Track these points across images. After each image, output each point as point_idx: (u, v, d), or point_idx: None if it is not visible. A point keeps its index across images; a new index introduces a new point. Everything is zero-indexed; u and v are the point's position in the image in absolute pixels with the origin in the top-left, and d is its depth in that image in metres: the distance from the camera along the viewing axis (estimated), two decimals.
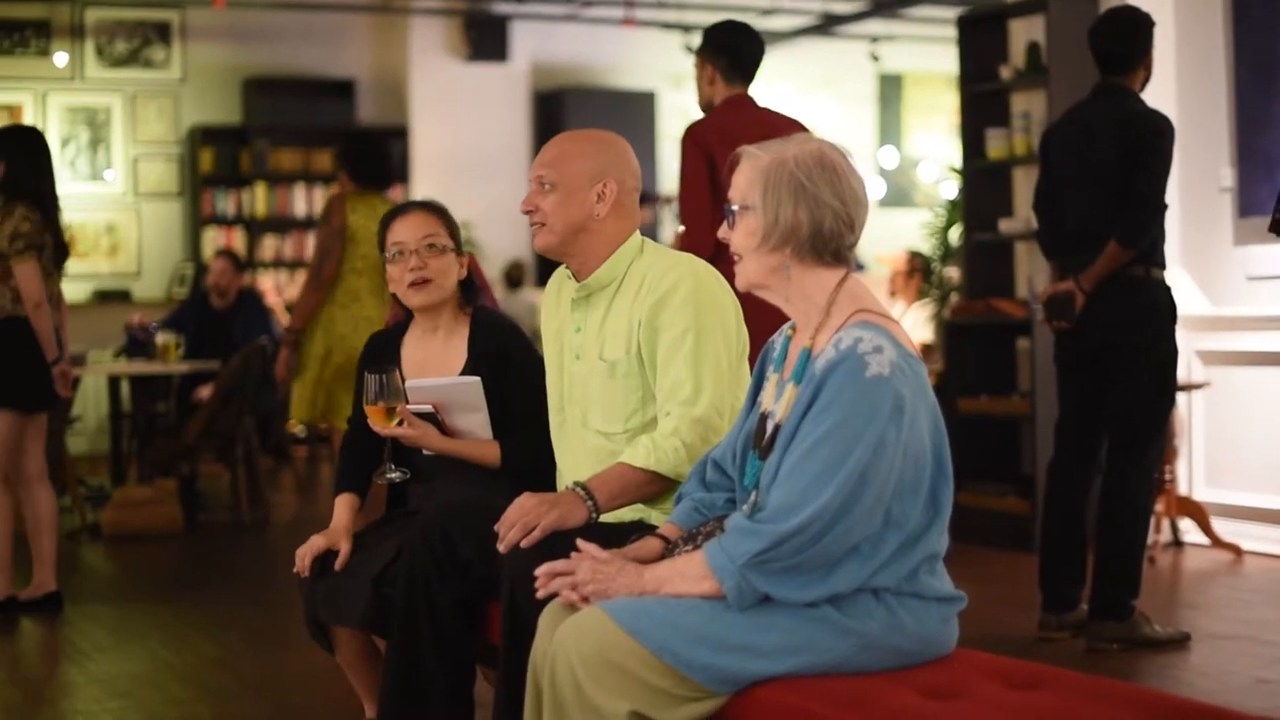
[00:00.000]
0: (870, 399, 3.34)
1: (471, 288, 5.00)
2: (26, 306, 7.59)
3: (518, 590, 3.95)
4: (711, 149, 6.82)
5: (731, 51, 7.33)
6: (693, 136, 7.05)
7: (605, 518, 4.14)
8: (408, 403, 4.67)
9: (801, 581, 3.39)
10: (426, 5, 16.30)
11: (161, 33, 16.24)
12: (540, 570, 3.65)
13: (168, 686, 6.43)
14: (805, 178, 3.49)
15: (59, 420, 10.96)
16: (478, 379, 4.73)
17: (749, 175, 3.54)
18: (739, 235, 3.56)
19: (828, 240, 3.51)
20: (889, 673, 3.44)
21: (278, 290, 15.40)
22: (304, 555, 4.76)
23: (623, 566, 3.57)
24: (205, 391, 11.22)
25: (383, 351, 5.00)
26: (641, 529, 3.98)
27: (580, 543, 3.65)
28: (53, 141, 15.47)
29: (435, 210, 4.98)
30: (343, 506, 4.90)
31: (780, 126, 6.45)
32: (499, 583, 4.11)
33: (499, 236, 16.24)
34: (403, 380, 4.67)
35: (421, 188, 16.37)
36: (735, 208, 3.56)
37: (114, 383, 11.59)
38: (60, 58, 15.85)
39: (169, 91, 16.18)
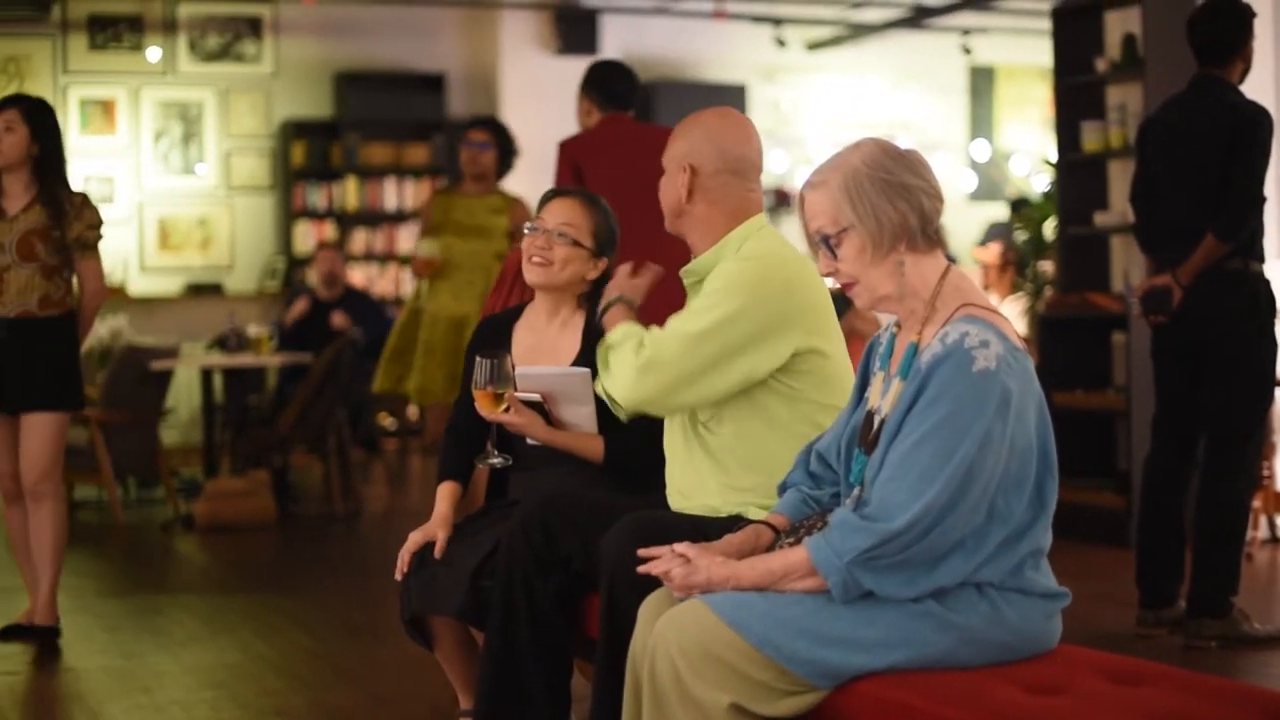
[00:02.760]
0: (977, 394, 3.32)
1: (596, 292, 4.95)
2: (92, 301, 7.26)
3: (616, 583, 3.96)
4: (579, 160, 7.59)
5: (605, 87, 7.99)
6: (563, 149, 7.68)
7: (693, 509, 4.18)
8: (516, 390, 4.68)
9: (906, 577, 3.37)
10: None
11: (253, 27, 16.31)
12: (644, 552, 3.65)
13: (262, 677, 6.46)
14: (885, 173, 3.49)
15: (153, 412, 11.07)
16: (588, 371, 4.68)
17: (826, 200, 3.52)
18: (847, 260, 3.52)
19: (932, 220, 3.51)
20: (991, 668, 3.42)
21: (368, 283, 15.44)
22: (404, 555, 4.75)
23: (725, 562, 3.55)
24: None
25: (495, 335, 5.00)
26: (739, 524, 3.94)
27: (680, 547, 3.62)
28: (146, 136, 15.66)
29: (590, 205, 4.95)
30: (443, 495, 4.89)
31: (655, 136, 6.46)
32: (597, 576, 4.11)
33: None
34: (513, 367, 4.68)
35: (512, 180, 16.26)
36: (829, 236, 3.52)
37: (206, 375, 11.68)
38: (153, 52, 15.93)
39: (261, 86, 16.25)
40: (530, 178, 14.74)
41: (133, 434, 10.94)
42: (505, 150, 9.38)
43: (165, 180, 15.76)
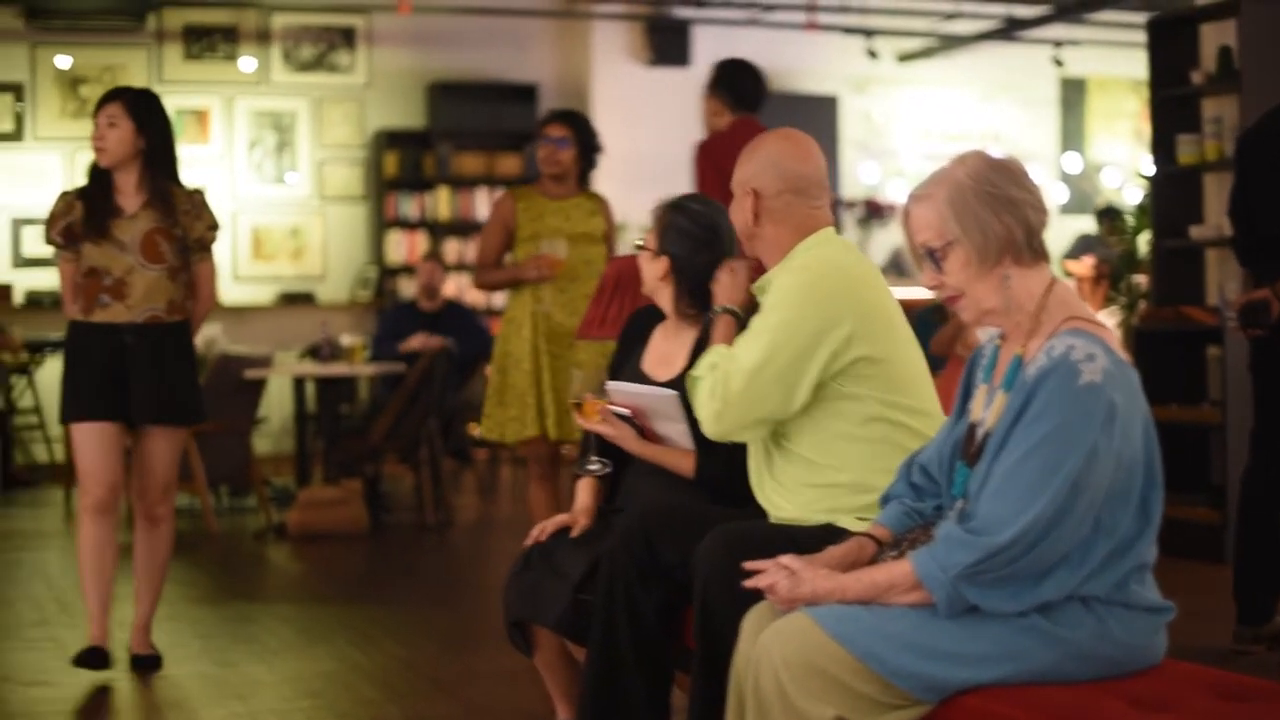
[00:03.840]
0: (1083, 407, 3.31)
1: (700, 296, 4.94)
2: (204, 307, 6.87)
3: (710, 595, 3.98)
4: (721, 162, 7.39)
5: (736, 89, 8.16)
6: (705, 151, 7.86)
7: (788, 519, 4.20)
8: (609, 403, 4.77)
9: (1012, 591, 3.37)
10: (609, 10, 16.35)
11: (347, 37, 16.42)
12: (749, 565, 3.66)
13: (358, 686, 6.50)
14: (990, 185, 3.49)
15: (247, 421, 11.15)
16: (674, 394, 4.70)
17: (931, 214, 3.52)
18: (953, 274, 3.52)
19: (1036, 232, 3.51)
20: (1096, 683, 3.40)
21: (459, 293, 15.49)
22: (545, 527, 4.87)
23: (829, 574, 3.56)
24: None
25: (640, 328, 5.10)
26: (831, 532, 3.98)
27: (785, 559, 3.63)
28: (240, 145, 15.79)
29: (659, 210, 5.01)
30: (584, 489, 4.96)
31: None
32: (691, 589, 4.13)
33: None
34: (604, 379, 4.79)
35: (602, 191, 16.35)
36: (934, 250, 3.52)
37: (299, 384, 11.75)
38: (247, 62, 16.07)
39: (354, 96, 16.36)
40: (622, 188, 14.79)
41: (226, 442, 11.03)
42: (587, 146, 8.31)
43: (258, 189, 15.90)
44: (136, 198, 6.69)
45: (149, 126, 6.69)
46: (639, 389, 4.82)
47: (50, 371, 14.24)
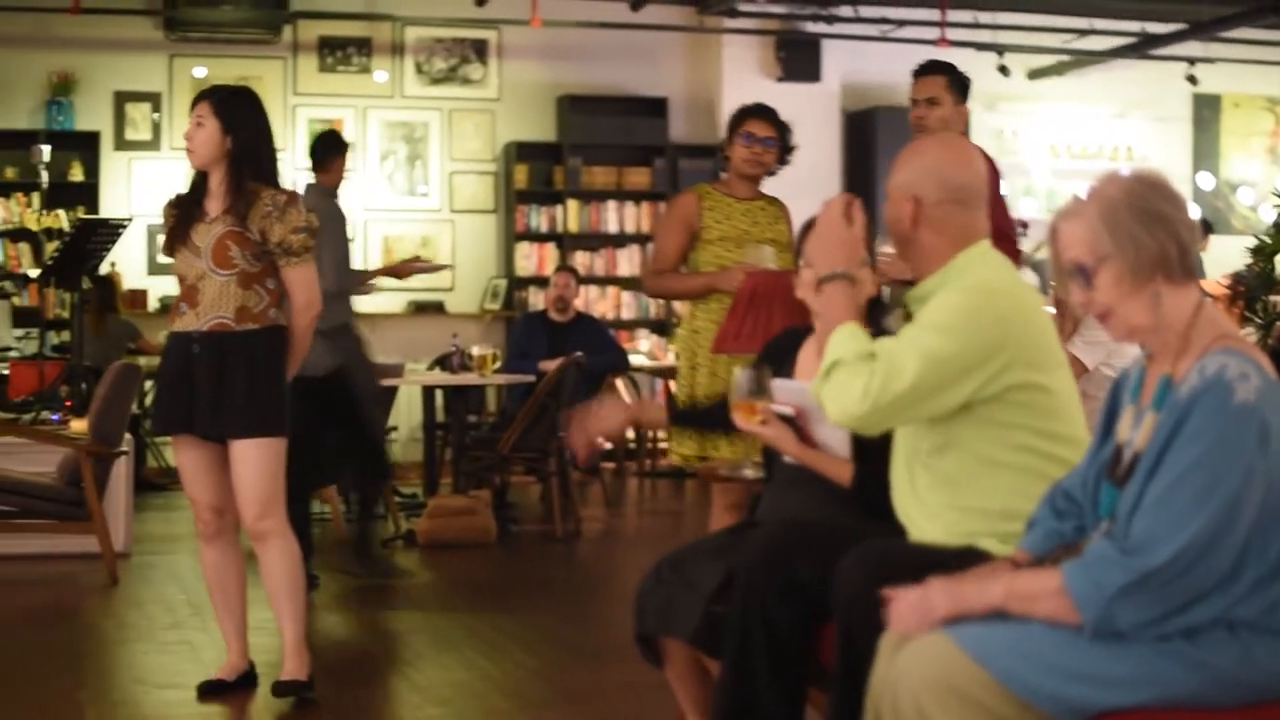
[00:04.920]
0: (1238, 427, 3.28)
1: (877, 306, 4.98)
2: (301, 316, 6.48)
3: (852, 615, 3.97)
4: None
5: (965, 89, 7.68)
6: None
7: (930, 540, 4.17)
8: (772, 403, 4.74)
9: (1161, 613, 3.33)
10: (739, 25, 16.35)
11: (479, 51, 16.53)
12: (887, 592, 3.64)
13: (488, 696, 6.54)
14: (1143, 202, 3.46)
15: (380, 429, 11.24)
16: None
17: (1083, 230, 3.50)
18: (1104, 290, 3.49)
19: (1188, 250, 3.48)
20: (1240, 710, 3.36)
21: (588, 305, 15.54)
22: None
23: (971, 581, 3.56)
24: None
25: (786, 346, 5.08)
26: (971, 555, 3.96)
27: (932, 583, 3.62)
28: (372, 156, 15.93)
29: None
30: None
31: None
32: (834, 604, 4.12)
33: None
34: (770, 378, 4.75)
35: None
36: (1085, 266, 3.50)
37: (428, 393, 11.83)
38: (380, 75, 16.23)
39: (485, 108, 16.47)
40: None
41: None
42: (785, 149, 7.70)
43: (390, 200, 16.05)
44: (220, 201, 6.37)
45: (237, 126, 6.37)
46: (807, 385, 4.70)
47: None
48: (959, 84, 7.56)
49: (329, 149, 9.68)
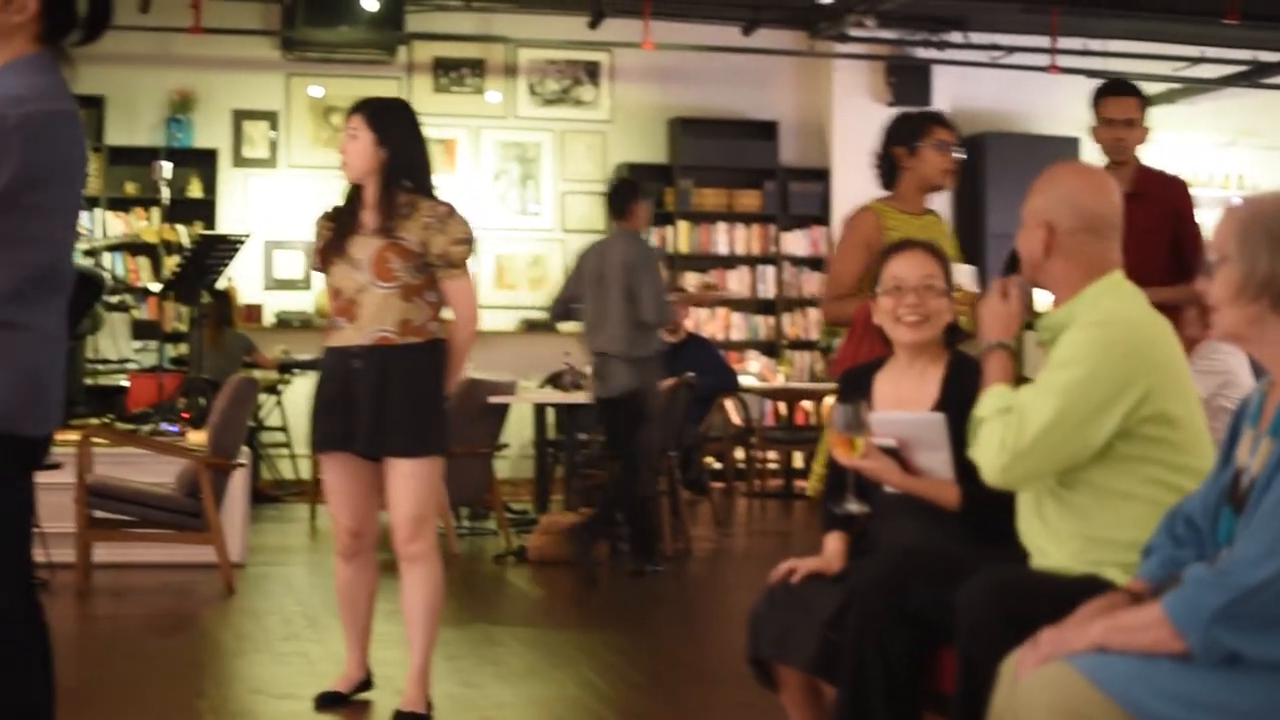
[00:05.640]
0: None
1: (956, 330, 4.99)
2: (463, 329, 6.37)
3: (974, 642, 3.98)
4: None
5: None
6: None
7: (1053, 566, 4.17)
8: (872, 436, 4.72)
9: (1273, 636, 3.30)
10: (850, 50, 16.42)
11: (591, 73, 16.68)
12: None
13: (601, 713, 6.57)
14: (1277, 225, 3.46)
15: (490, 446, 11.37)
16: (942, 416, 4.71)
17: (1228, 227, 3.52)
18: (1216, 285, 3.52)
19: None
20: None
21: (697, 326, 15.63)
22: (792, 567, 4.82)
23: (1074, 625, 3.56)
24: None
25: (858, 383, 5.03)
26: (1095, 584, 3.95)
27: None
28: (485, 176, 16.08)
29: (933, 252, 4.99)
30: (834, 538, 4.93)
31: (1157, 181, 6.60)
32: (950, 629, 4.14)
33: None
34: (869, 412, 4.73)
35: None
36: (1214, 259, 3.55)
37: (539, 411, 11.95)
38: (494, 96, 16.41)
39: (597, 130, 16.61)
40: None
41: (469, 466, 11.22)
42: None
43: (503, 219, 16.20)
44: (378, 213, 6.23)
45: (391, 138, 6.25)
46: (907, 416, 4.79)
47: (297, 390, 14.65)
48: (1145, 105, 7.50)
49: (626, 196, 10.38)
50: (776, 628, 4.74)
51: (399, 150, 6.25)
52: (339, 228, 6.32)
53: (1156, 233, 6.84)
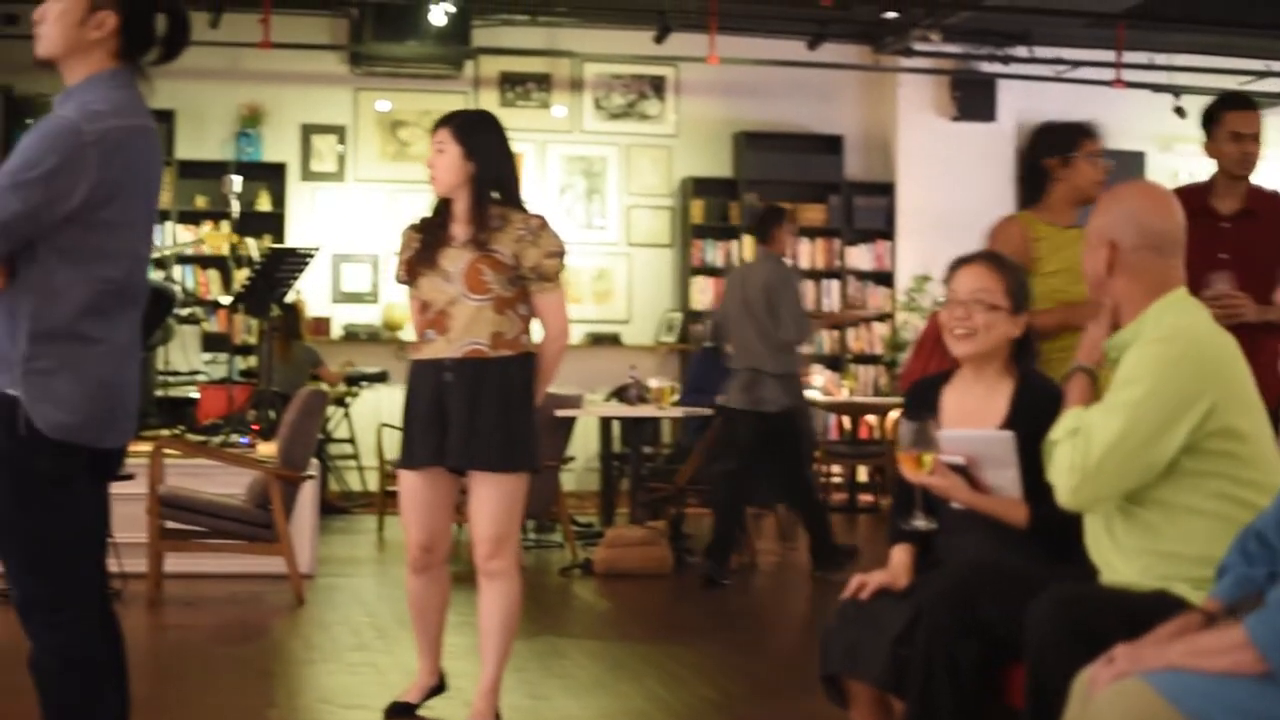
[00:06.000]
0: None
1: (1026, 349, 4.97)
2: (553, 343, 6.32)
3: (1043, 658, 3.99)
4: None
5: None
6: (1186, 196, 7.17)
7: (1122, 582, 4.17)
8: (940, 452, 4.72)
9: None
10: (915, 65, 16.44)
11: (656, 87, 16.75)
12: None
13: None
14: None
15: (556, 458, 11.43)
16: (1010, 434, 4.71)
17: None
18: None
19: None
20: None
21: None
22: (863, 582, 4.82)
23: (1152, 645, 3.56)
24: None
25: (925, 396, 5.04)
26: (1164, 600, 3.98)
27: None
28: (551, 190, 16.16)
29: (997, 265, 4.98)
30: (901, 551, 4.93)
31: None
32: (1019, 644, 4.14)
33: None
34: (937, 429, 4.74)
35: (905, 244, 16.52)
36: None
37: (605, 424, 12.01)
38: (559, 110, 16.49)
39: (662, 144, 16.68)
40: (925, 241, 14.90)
41: (535, 479, 11.24)
42: None
43: (568, 233, 16.16)
44: (466, 225, 6.21)
45: (478, 151, 6.23)
46: (975, 434, 4.79)
47: (365, 403, 14.77)
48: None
49: (769, 221, 11.12)
50: (846, 643, 4.75)
51: (486, 163, 6.23)
52: (428, 239, 6.29)
53: (1269, 249, 6.77)
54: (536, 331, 6.35)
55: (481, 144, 6.25)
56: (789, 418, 10.57)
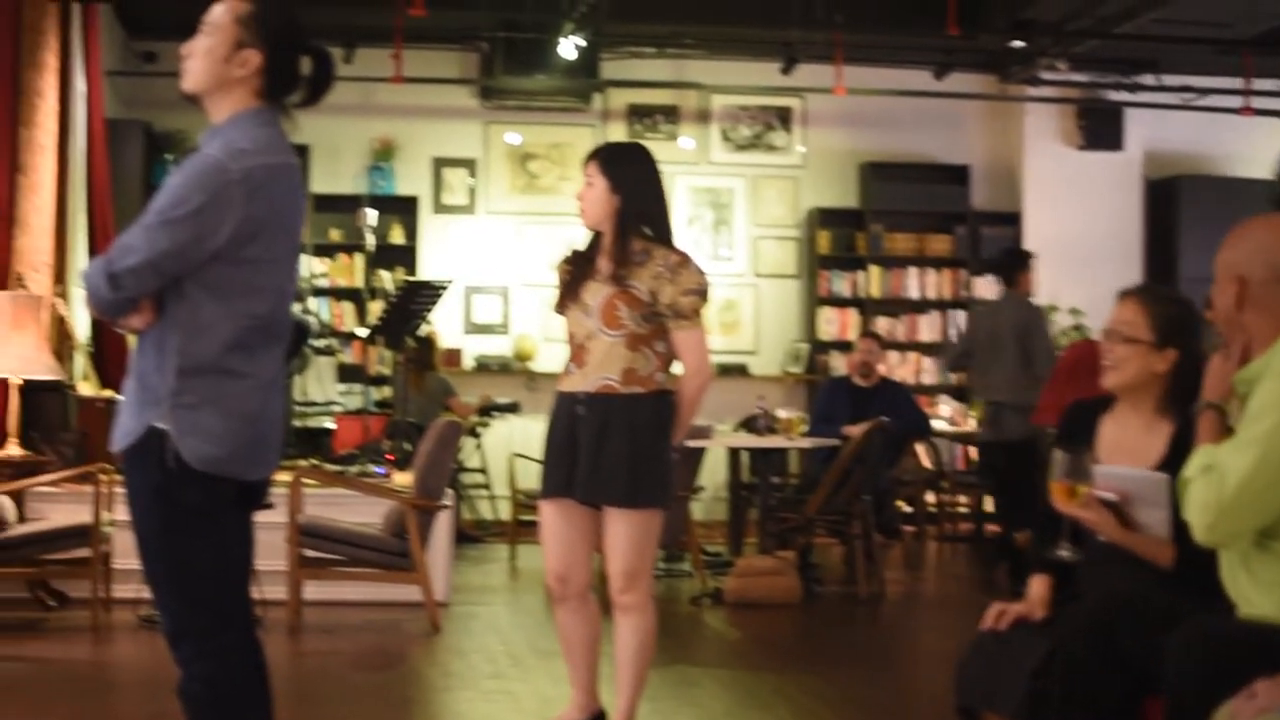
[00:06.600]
0: None
1: (1186, 387, 4.85)
2: (691, 381, 6.26)
3: (1184, 693, 4.01)
4: None
5: None
6: None
7: (1260, 615, 4.16)
8: (1094, 486, 4.70)
9: None
10: (1042, 94, 16.42)
11: (783, 118, 16.83)
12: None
13: None
14: None
15: (687, 489, 11.51)
16: (1166, 477, 4.67)
17: None
18: None
19: None
20: None
21: (889, 370, 15.68)
22: (1000, 613, 4.83)
23: None
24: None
25: (1082, 420, 5.03)
26: None
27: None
28: (679, 221, 16.23)
29: (1148, 299, 4.96)
30: (1039, 582, 4.93)
31: None
32: (1159, 678, 4.14)
33: None
34: (1093, 463, 4.71)
35: (1035, 273, 16.44)
36: None
37: (733, 454, 12.08)
38: (687, 142, 16.60)
39: (789, 175, 16.76)
40: (1053, 271, 14.85)
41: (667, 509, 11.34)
42: None
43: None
44: (609, 260, 6.16)
45: (624, 184, 6.17)
46: (1131, 472, 4.77)
47: (496, 433, 14.93)
48: None
49: (1014, 266, 11.97)
50: (983, 676, 4.75)
51: (632, 196, 6.18)
52: (576, 272, 6.28)
53: None
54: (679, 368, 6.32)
55: (628, 177, 6.20)
56: (1031, 445, 10.96)
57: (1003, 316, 11.98)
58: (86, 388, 11.52)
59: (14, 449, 10.20)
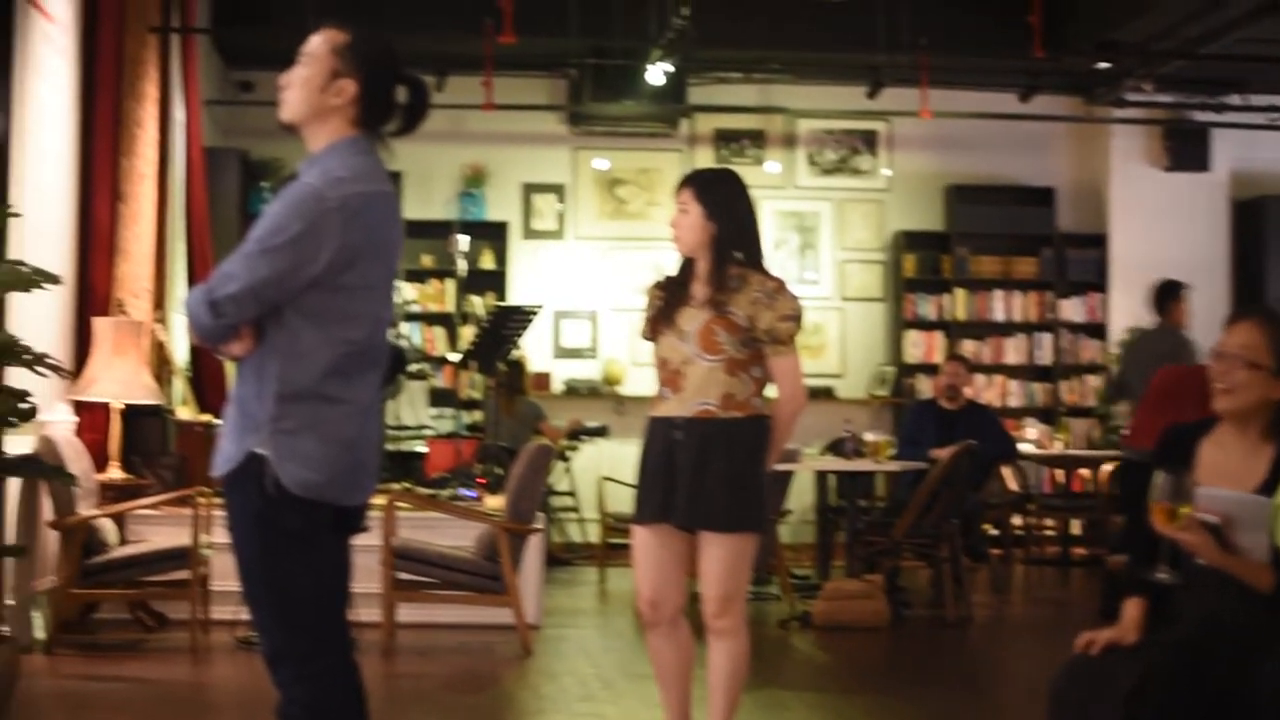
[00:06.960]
0: None
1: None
2: (786, 406, 6.20)
3: (1276, 716, 4.05)
4: None
5: None
6: None
7: None
8: (1194, 508, 4.65)
9: None
10: (1127, 115, 16.41)
11: (868, 142, 16.91)
12: None
13: None
14: None
15: (775, 512, 11.59)
16: (1269, 500, 4.66)
17: None
18: None
19: None
20: None
21: (975, 394, 15.70)
22: (1092, 639, 4.80)
23: None
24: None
25: (1181, 443, 4.98)
26: None
27: None
28: (766, 245, 16.26)
29: (1268, 323, 4.88)
30: (1133, 605, 4.89)
31: None
32: (1254, 702, 4.17)
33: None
34: (1194, 485, 4.67)
35: (1118, 295, 16.46)
36: None
37: (820, 478, 12.14)
38: (773, 166, 16.71)
39: (875, 198, 16.83)
40: (1140, 293, 14.81)
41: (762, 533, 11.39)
42: None
43: None
44: (705, 286, 6.13)
45: (719, 211, 6.15)
46: (1232, 495, 4.73)
47: (586, 456, 15.05)
48: None
49: (1167, 297, 12.42)
50: (1076, 701, 4.73)
51: (727, 223, 6.16)
52: (669, 298, 6.26)
53: None
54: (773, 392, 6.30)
55: (722, 204, 6.19)
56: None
57: (1156, 347, 12.23)
58: (185, 412, 11.69)
59: (115, 472, 10.37)
